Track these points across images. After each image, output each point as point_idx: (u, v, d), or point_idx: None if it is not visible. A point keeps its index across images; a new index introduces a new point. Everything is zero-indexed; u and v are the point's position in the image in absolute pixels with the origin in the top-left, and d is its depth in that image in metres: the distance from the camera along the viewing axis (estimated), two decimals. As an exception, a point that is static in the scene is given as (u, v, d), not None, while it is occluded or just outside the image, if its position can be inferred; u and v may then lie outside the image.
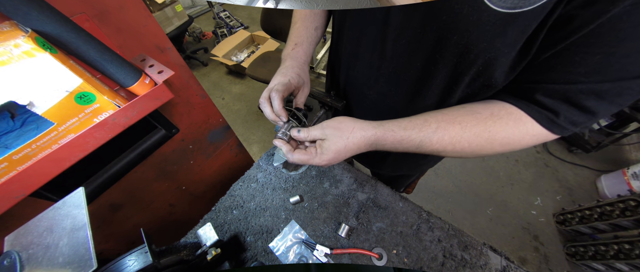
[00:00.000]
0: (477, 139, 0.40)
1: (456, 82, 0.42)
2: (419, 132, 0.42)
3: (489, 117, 0.40)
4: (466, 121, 0.40)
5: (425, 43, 0.40)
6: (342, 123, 0.44)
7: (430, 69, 0.43)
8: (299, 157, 0.44)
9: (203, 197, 0.95)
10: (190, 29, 3.35)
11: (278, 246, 0.61)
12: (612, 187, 1.63)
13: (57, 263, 0.34)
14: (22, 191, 0.40)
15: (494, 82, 0.40)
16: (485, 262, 0.58)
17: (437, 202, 1.75)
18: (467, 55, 0.37)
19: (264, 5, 0.26)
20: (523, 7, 0.29)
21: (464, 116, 0.41)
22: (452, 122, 0.41)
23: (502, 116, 0.39)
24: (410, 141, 0.42)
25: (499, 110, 0.40)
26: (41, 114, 0.38)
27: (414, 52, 0.43)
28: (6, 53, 0.33)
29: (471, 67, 0.38)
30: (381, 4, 0.25)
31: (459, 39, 0.36)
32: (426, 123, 0.42)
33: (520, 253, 1.54)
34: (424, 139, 0.42)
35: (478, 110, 0.41)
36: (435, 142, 0.41)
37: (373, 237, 0.62)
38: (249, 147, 2.19)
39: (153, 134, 0.64)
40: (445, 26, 0.36)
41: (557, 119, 0.36)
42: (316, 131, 0.45)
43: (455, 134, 0.40)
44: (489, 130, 0.39)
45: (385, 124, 0.44)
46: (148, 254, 0.41)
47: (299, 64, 0.56)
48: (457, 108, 0.43)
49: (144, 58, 0.52)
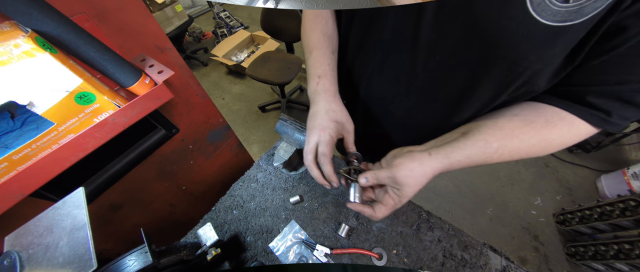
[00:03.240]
0: (534, 149, 0.41)
1: (499, 94, 0.43)
2: (482, 154, 0.42)
3: (544, 126, 0.40)
4: (523, 133, 0.41)
5: (465, 58, 0.40)
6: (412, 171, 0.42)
7: (471, 83, 0.42)
8: (383, 214, 0.44)
9: (203, 197, 0.95)
10: (190, 29, 3.36)
11: (278, 246, 0.61)
12: (612, 187, 1.63)
13: (57, 263, 0.34)
14: (22, 191, 0.40)
15: (536, 89, 0.40)
16: (485, 262, 0.58)
17: (437, 202, 1.75)
18: (514, 68, 0.37)
19: (264, 5, 0.26)
20: (574, 21, 0.30)
21: (521, 128, 0.41)
22: (511, 137, 0.41)
23: (556, 123, 0.40)
24: (473, 163, 0.43)
25: (552, 116, 0.40)
26: (41, 114, 0.38)
27: (452, 68, 0.42)
28: (6, 53, 0.33)
29: (517, 79, 0.38)
30: (381, 4, 0.25)
31: (506, 52, 0.35)
32: (487, 144, 0.42)
33: (520, 253, 1.54)
34: (485, 160, 0.43)
35: (532, 119, 0.41)
36: (495, 159, 0.43)
37: (373, 237, 0.62)
38: (249, 147, 2.19)
39: (153, 134, 0.64)
40: (491, 41, 0.35)
41: (610, 118, 0.37)
42: (383, 174, 0.43)
43: (514, 147, 0.41)
44: (546, 139, 0.40)
45: (450, 155, 0.42)
46: (148, 254, 0.41)
47: (330, 101, 0.51)
48: (509, 117, 0.43)
49: (144, 58, 0.52)
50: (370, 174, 0.45)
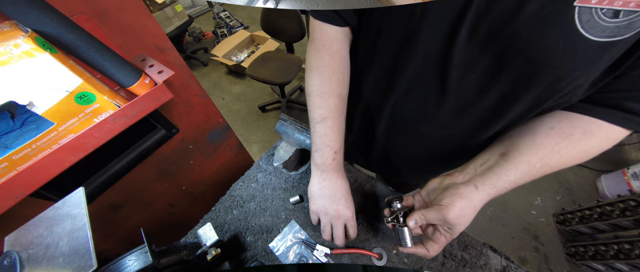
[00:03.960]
0: (572, 160, 0.41)
1: (537, 107, 0.42)
2: (526, 176, 0.42)
3: (583, 137, 0.40)
4: (563, 148, 0.41)
5: (503, 78, 0.39)
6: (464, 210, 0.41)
7: (508, 100, 0.42)
8: (436, 252, 0.45)
9: (203, 197, 0.95)
10: (190, 29, 3.36)
11: (278, 246, 0.61)
12: (612, 187, 1.63)
13: (57, 263, 0.34)
14: (22, 191, 0.40)
15: (573, 99, 0.40)
16: (485, 262, 0.58)
17: (437, 202, 1.75)
18: (557, 84, 0.36)
19: (264, 5, 0.26)
20: (623, 35, 0.29)
21: (560, 143, 0.41)
22: (552, 154, 0.41)
23: (593, 132, 0.39)
24: (518, 185, 0.43)
25: (589, 126, 0.40)
26: (41, 114, 0.38)
27: (487, 88, 0.42)
28: (6, 53, 0.33)
29: (557, 93, 0.38)
30: (381, 4, 0.25)
31: (551, 71, 0.35)
32: (531, 166, 0.42)
33: (520, 253, 1.54)
34: (528, 180, 0.43)
35: (570, 132, 0.41)
36: (537, 176, 0.43)
37: (373, 237, 0.62)
38: (249, 147, 2.19)
39: (153, 134, 0.64)
40: (535, 60, 0.35)
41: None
42: (432, 215, 0.43)
43: (555, 163, 0.41)
44: (585, 149, 0.40)
45: (497, 184, 0.42)
46: (148, 254, 0.41)
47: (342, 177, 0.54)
48: (546, 132, 0.42)
49: (144, 58, 0.52)
50: (418, 215, 0.45)
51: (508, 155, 0.44)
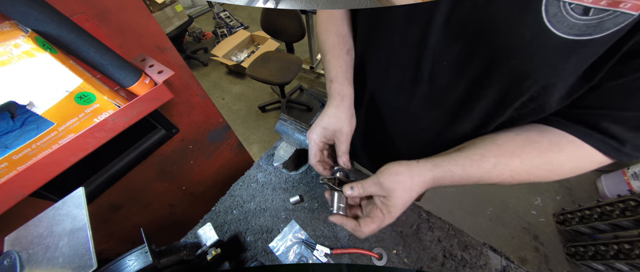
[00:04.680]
0: (538, 171, 0.38)
1: (504, 106, 0.40)
2: (478, 169, 0.40)
3: (549, 148, 0.37)
4: (525, 153, 0.38)
5: (471, 66, 0.38)
6: (399, 175, 0.40)
7: (475, 92, 0.40)
8: (369, 230, 0.41)
9: (203, 197, 0.95)
10: (190, 29, 3.36)
11: (278, 246, 0.61)
12: (612, 187, 1.63)
13: (57, 263, 0.34)
14: (22, 191, 0.40)
15: (547, 107, 0.37)
16: (485, 262, 0.58)
17: (437, 202, 1.75)
18: (522, 80, 0.35)
19: (264, 5, 0.26)
20: (592, 35, 0.27)
21: (523, 148, 0.39)
22: (511, 156, 0.39)
23: (563, 146, 0.37)
24: (469, 179, 0.41)
25: (559, 139, 0.37)
26: (41, 114, 0.38)
27: (457, 75, 0.40)
28: (6, 53, 0.33)
29: (525, 93, 0.36)
30: (381, 4, 0.25)
31: (515, 63, 0.33)
32: (484, 159, 0.40)
33: (520, 253, 1.54)
34: (482, 176, 0.40)
35: (536, 140, 0.39)
36: (494, 177, 0.40)
37: (373, 237, 0.62)
38: (249, 147, 2.19)
39: (153, 134, 0.64)
40: (499, 50, 0.33)
41: (624, 147, 0.34)
42: (372, 187, 0.42)
43: (515, 167, 0.39)
44: (551, 162, 0.37)
45: (441, 164, 0.41)
46: (148, 254, 0.41)
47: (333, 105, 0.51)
48: (511, 137, 0.41)
49: (144, 58, 0.52)
50: (356, 184, 0.43)
51: (462, 148, 0.43)
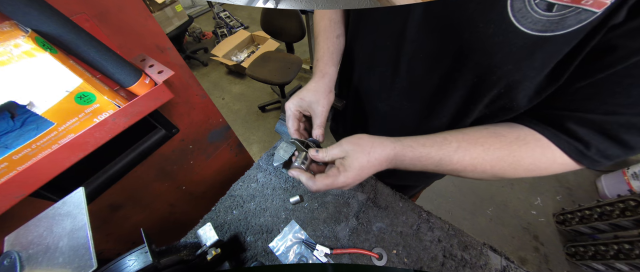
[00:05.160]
0: (501, 163, 0.38)
1: (474, 102, 0.41)
2: (439, 150, 0.40)
3: (514, 141, 0.37)
4: (489, 143, 0.38)
5: (443, 60, 0.38)
6: (360, 139, 0.42)
7: (447, 86, 0.41)
8: (322, 183, 0.41)
9: (203, 197, 0.95)
10: (190, 29, 3.36)
11: (278, 246, 0.61)
12: (612, 187, 1.63)
13: (57, 263, 0.34)
14: (22, 191, 0.40)
15: (515, 105, 0.38)
16: (485, 262, 0.58)
17: (437, 202, 1.75)
18: (488, 76, 0.35)
19: (264, 5, 0.26)
20: (554, 31, 0.27)
21: (487, 138, 0.39)
22: (474, 143, 0.39)
23: (528, 141, 0.37)
24: (429, 158, 0.40)
25: (526, 135, 0.37)
26: (41, 114, 0.38)
27: (431, 69, 0.41)
28: (6, 53, 0.33)
29: (492, 88, 0.36)
30: (381, 4, 0.25)
31: (480, 58, 0.34)
32: (446, 141, 0.40)
33: (520, 253, 1.54)
34: (443, 158, 0.40)
35: (502, 133, 0.39)
36: (455, 161, 0.39)
37: (373, 237, 0.62)
38: (249, 147, 2.19)
39: (153, 134, 0.64)
40: (467, 44, 0.34)
41: (588, 151, 0.34)
42: (335, 150, 0.42)
43: (477, 155, 0.38)
44: (514, 154, 0.37)
45: (403, 140, 0.42)
46: (148, 254, 0.41)
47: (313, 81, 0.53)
48: (478, 129, 0.41)
49: (144, 58, 0.52)
50: (322, 149, 0.44)
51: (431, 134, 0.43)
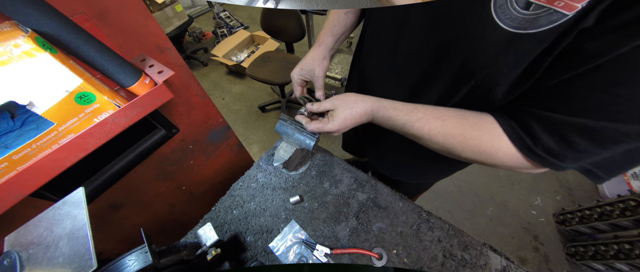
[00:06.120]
0: (451, 139, 0.43)
1: (454, 90, 0.44)
2: (405, 116, 0.46)
3: (472, 125, 0.41)
4: (449, 121, 0.43)
5: (432, 46, 0.42)
6: (347, 96, 0.52)
7: (432, 72, 0.45)
8: (315, 126, 0.54)
9: (203, 197, 0.95)
10: (190, 29, 3.35)
11: (278, 246, 0.61)
12: (612, 187, 1.63)
13: (57, 263, 0.34)
14: (22, 191, 0.40)
15: (491, 98, 0.40)
16: (485, 262, 0.58)
17: (437, 202, 1.75)
18: (466, 66, 0.38)
19: (264, 5, 0.26)
20: (527, 30, 0.29)
21: (450, 117, 0.43)
22: (437, 118, 0.44)
23: (483, 127, 0.40)
24: (396, 120, 0.47)
25: (485, 122, 0.40)
26: (41, 114, 0.38)
27: (421, 55, 0.45)
28: (6, 53, 0.33)
29: (469, 79, 0.40)
30: (381, 4, 0.25)
31: (462, 48, 0.37)
32: (415, 110, 0.46)
33: (520, 253, 1.53)
34: (407, 122, 0.46)
35: (465, 116, 0.43)
36: (415, 128, 0.45)
37: (373, 237, 0.62)
38: (249, 147, 2.19)
39: (153, 134, 0.64)
40: (453, 34, 0.37)
41: (535, 147, 0.35)
42: (326, 103, 0.53)
43: (434, 128, 0.44)
44: (465, 135, 0.41)
45: (381, 101, 0.49)
46: (148, 254, 0.41)
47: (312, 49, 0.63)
48: (448, 109, 0.45)
49: (144, 58, 0.52)
50: (317, 102, 0.56)
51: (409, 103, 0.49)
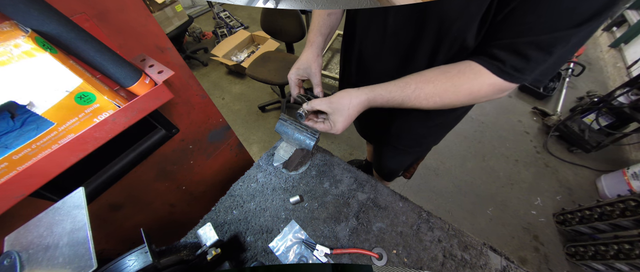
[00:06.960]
0: (446, 93, 0.49)
1: (439, 47, 0.50)
2: (401, 93, 0.51)
3: (456, 75, 0.48)
4: (438, 80, 0.49)
5: (415, 16, 0.49)
6: (341, 99, 0.54)
7: (420, 37, 0.51)
8: (321, 127, 0.59)
9: (203, 197, 0.95)
10: (190, 29, 3.35)
11: (278, 246, 0.61)
12: (612, 187, 1.63)
13: (57, 263, 0.34)
14: (22, 191, 0.40)
15: (466, 45, 0.47)
16: (485, 262, 0.58)
17: (437, 202, 1.75)
18: (443, 24, 0.46)
19: (264, 5, 0.26)
20: None
21: (437, 76, 0.50)
22: (427, 82, 0.50)
23: (465, 71, 0.47)
24: (394, 100, 0.52)
25: (465, 67, 0.48)
26: (41, 114, 0.38)
27: (408, 25, 0.52)
28: (6, 53, 0.33)
29: (448, 33, 0.47)
30: (381, 3, 0.25)
31: (438, 10, 0.45)
32: (407, 85, 0.51)
33: (520, 253, 1.54)
34: (405, 98, 0.52)
35: (448, 70, 0.49)
36: (413, 99, 0.51)
37: (373, 237, 0.62)
38: (249, 147, 2.19)
39: (153, 134, 0.64)
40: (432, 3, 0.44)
41: (504, 67, 0.44)
42: (323, 105, 0.55)
43: (429, 91, 0.50)
44: (455, 84, 0.48)
45: (375, 89, 0.53)
46: (148, 254, 0.41)
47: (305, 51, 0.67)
48: (433, 70, 0.51)
49: (144, 58, 0.52)
50: (309, 102, 0.59)
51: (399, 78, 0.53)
